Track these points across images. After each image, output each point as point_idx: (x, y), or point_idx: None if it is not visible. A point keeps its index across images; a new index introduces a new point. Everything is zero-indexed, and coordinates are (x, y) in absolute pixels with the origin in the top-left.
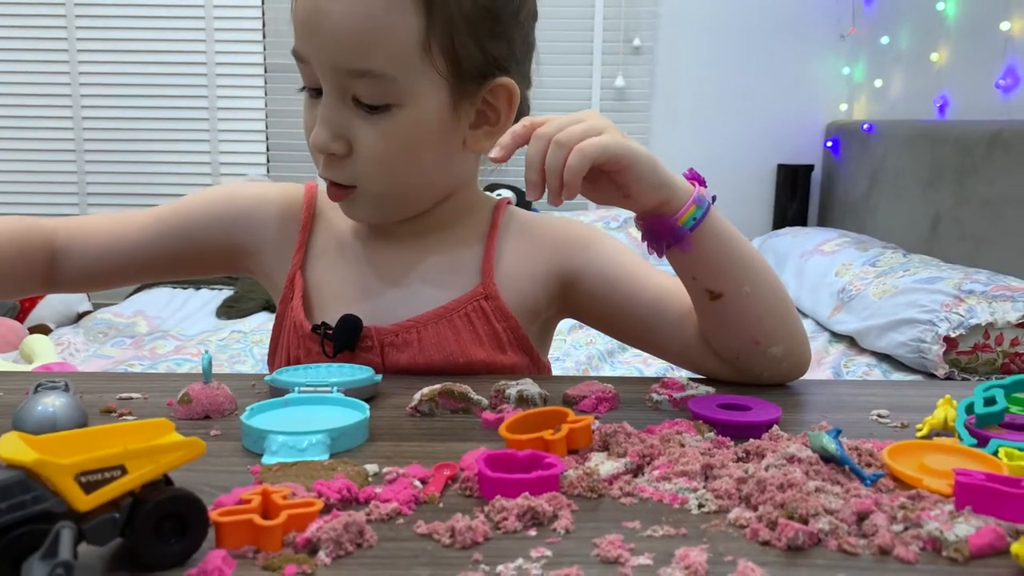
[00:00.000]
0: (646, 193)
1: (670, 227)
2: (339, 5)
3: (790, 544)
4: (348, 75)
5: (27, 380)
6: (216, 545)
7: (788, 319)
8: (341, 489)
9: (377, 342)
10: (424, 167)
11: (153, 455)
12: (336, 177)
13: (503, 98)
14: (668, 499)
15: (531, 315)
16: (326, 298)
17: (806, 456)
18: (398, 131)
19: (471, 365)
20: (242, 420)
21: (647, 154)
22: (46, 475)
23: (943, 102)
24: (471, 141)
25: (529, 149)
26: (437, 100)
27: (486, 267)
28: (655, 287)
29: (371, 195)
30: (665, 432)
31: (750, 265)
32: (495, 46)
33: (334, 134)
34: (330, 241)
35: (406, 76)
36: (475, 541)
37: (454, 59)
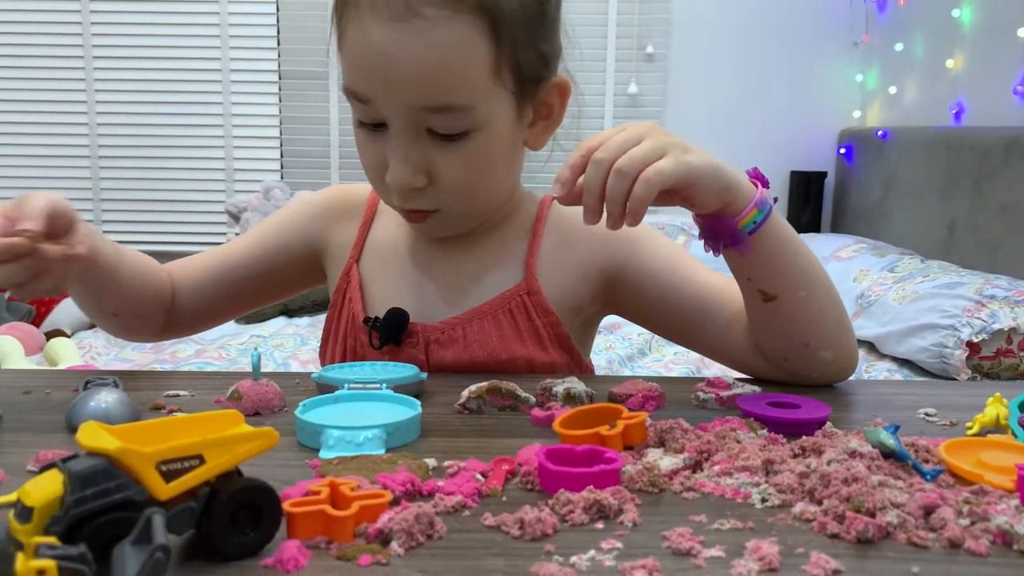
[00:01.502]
0: (710, 201)
1: (729, 229)
2: (410, 50)
3: (859, 537)
4: (424, 111)
5: (73, 378)
6: (288, 536)
7: (840, 324)
8: (405, 482)
9: (423, 339)
10: (500, 179)
11: (229, 445)
12: (419, 206)
13: (556, 94)
14: (730, 494)
15: (573, 312)
16: (374, 293)
17: (867, 451)
18: (477, 154)
19: (513, 362)
20: (297, 415)
21: (709, 163)
22: (129, 463)
23: (959, 109)
24: (531, 140)
25: (588, 175)
26: (507, 115)
27: (529, 263)
28: (702, 283)
29: (452, 216)
30: (719, 429)
31: (807, 269)
32: (547, 46)
33: (415, 170)
34: (385, 239)
35: (482, 102)
36: (544, 533)
37: (519, 72)
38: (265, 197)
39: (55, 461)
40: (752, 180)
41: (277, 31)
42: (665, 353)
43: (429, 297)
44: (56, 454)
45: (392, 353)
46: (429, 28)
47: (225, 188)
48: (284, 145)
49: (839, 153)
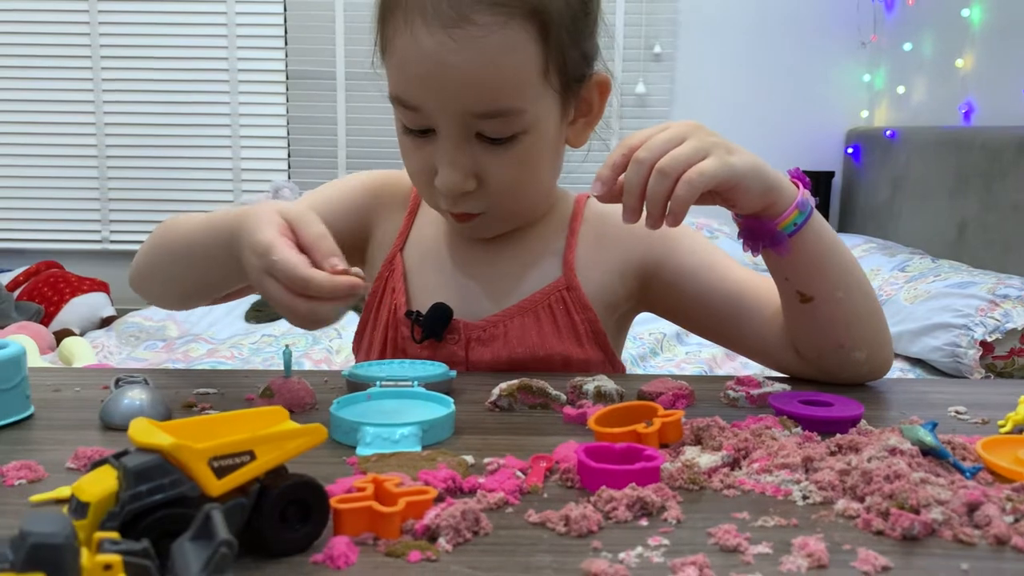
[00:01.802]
0: (752, 202)
1: (770, 230)
2: (461, 56)
3: (905, 534)
4: (475, 117)
5: (102, 376)
6: (335, 532)
7: (876, 325)
8: (446, 479)
9: (464, 336)
10: (545, 179)
11: (279, 441)
12: (467, 209)
13: (596, 91)
14: (771, 491)
15: (609, 308)
16: (416, 285)
17: (907, 448)
18: (525, 156)
19: (549, 359)
20: (332, 412)
21: (751, 164)
22: (182, 459)
23: (968, 108)
24: (572, 137)
25: (628, 174)
26: (553, 115)
27: (568, 259)
28: (738, 281)
29: (498, 217)
30: (754, 427)
31: (845, 271)
32: (589, 44)
33: (464, 174)
34: (428, 231)
35: (532, 104)
36: (589, 530)
37: (564, 72)
38: (274, 197)
39: (107, 457)
40: (793, 180)
41: (285, 31)
42: (676, 353)
43: (470, 294)
44: (95, 451)
45: (432, 348)
46: (481, 35)
47: (232, 188)
48: (291, 145)
49: (846, 153)
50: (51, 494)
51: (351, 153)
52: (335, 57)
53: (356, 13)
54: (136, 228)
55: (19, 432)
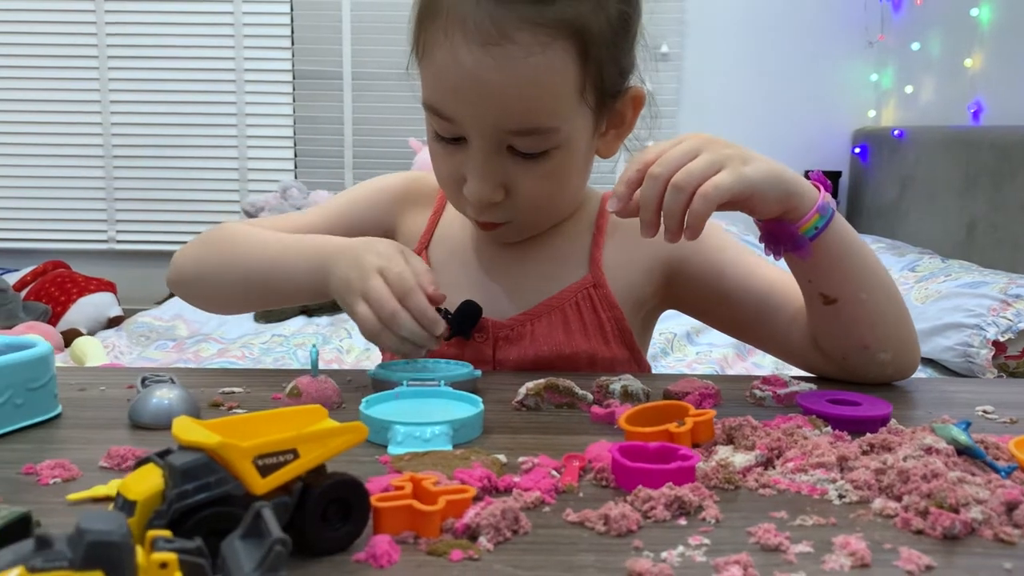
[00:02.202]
0: (770, 208)
1: (790, 234)
2: (500, 75)
3: (946, 533)
4: (509, 133)
5: (127, 375)
6: (374, 531)
7: (901, 326)
8: (482, 478)
9: (492, 336)
10: (573, 191)
11: (322, 439)
12: (494, 219)
13: (629, 104)
14: (806, 490)
15: (636, 306)
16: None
17: (943, 448)
18: (556, 170)
19: (575, 356)
20: (362, 411)
21: (768, 173)
22: (227, 458)
23: (977, 108)
24: (603, 148)
25: (644, 190)
26: (586, 130)
27: (595, 256)
28: (764, 279)
29: (525, 225)
30: (786, 426)
31: (868, 272)
32: (627, 59)
33: (494, 186)
34: (453, 229)
35: (566, 123)
36: (629, 529)
37: (601, 88)
38: (282, 196)
39: (151, 456)
40: (815, 184)
41: (291, 30)
42: (687, 353)
43: (497, 293)
44: (127, 450)
45: (459, 347)
46: (522, 55)
47: (239, 188)
48: (298, 145)
49: (854, 152)
50: (88, 492)
51: (358, 153)
52: (342, 57)
53: (363, 13)
54: (142, 228)
55: (48, 431)
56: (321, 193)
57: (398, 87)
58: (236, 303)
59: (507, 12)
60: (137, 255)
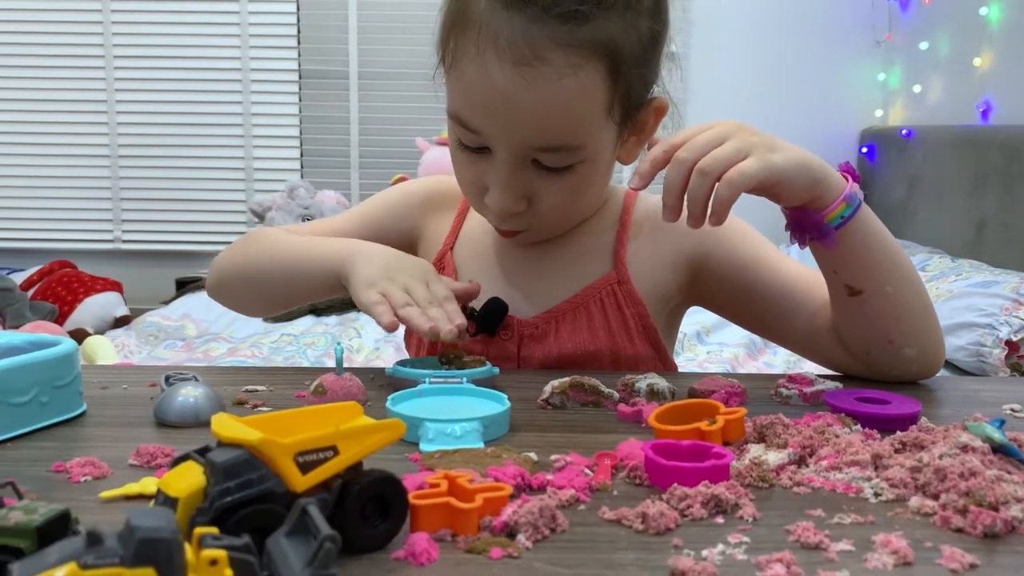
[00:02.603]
0: (797, 196)
1: (816, 222)
2: (531, 95)
3: (987, 531)
4: (536, 149)
5: (149, 373)
6: (412, 529)
7: (926, 322)
8: (515, 476)
9: (517, 333)
10: (594, 199)
11: (361, 436)
12: (515, 227)
13: (652, 112)
14: (841, 488)
15: (661, 303)
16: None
17: (979, 446)
18: (579, 183)
19: (598, 353)
20: (389, 408)
21: (796, 160)
22: (269, 454)
23: (986, 107)
24: (623, 155)
25: (669, 173)
26: (610, 143)
27: (619, 252)
28: (788, 274)
29: (544, 231)
30: (816, 424)
31: (895, 265)
32: (653, 71)
33: (516, 197)
34: (476, 230)
35: (593, 139)
36: (668, 527)
37: (627, 105)
38: (289, 196)
39: (189, 453)
40: (843, 174)
41: (297, 30)
42: (698, 352)
43: (522, 291)
44: (156, 448)
45: (484, 344)
46: (555, 76)
47: (245, 187)
48: (304, 144)
49: (861, 152)
50: (120, 490)
51: (364, 152)
52: (348, 56)
53: (369, 12)
54: (148, 227)
55: (74, 429)
56: (328, 193)
57: (404, 86)
58: (268, 302)
59: (540, 31)
60: (143, 255)
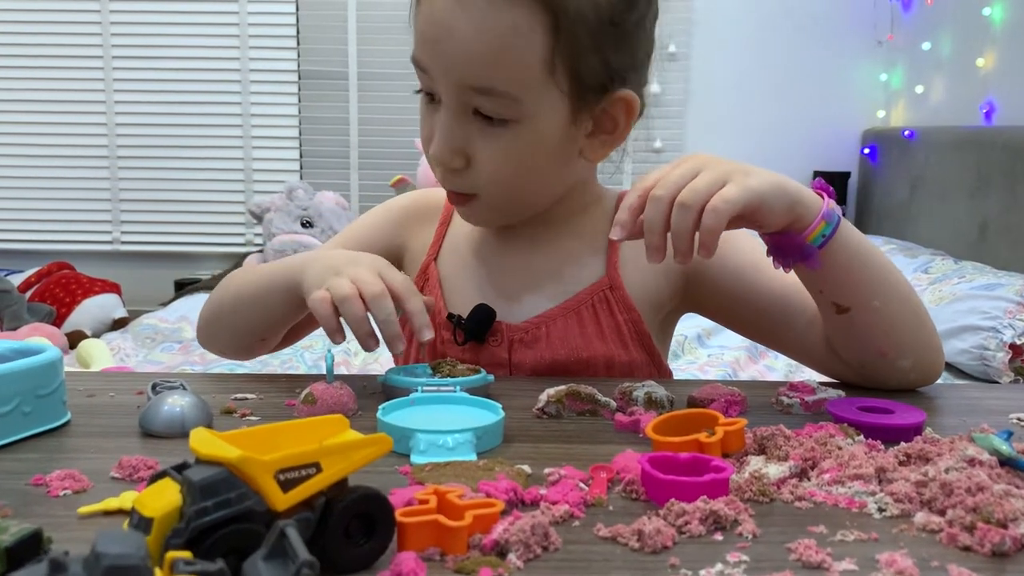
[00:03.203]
0: (777, 219)
1: (798, 244)
2: (466, 23)
3: (995, 550)
4: (471, 91)
5: (137, 381)
6: (399, 547)
7: (919, 332)
8: (507, 490)
9: (506, 338)
10: (541, 178)
11: (346, 452)
12: (455, 187)
13: (621, 109)
14: (844, 503)
15: (654, 308)
16: (453, 290)
17: (986, 459)
18: (517, 146)
19: (592, 360)
20: (380, 419)
21: (772, 183)
22: (248, 472)
23: (990, 108)
24: (587, 150)
25: (648, 213)
26: (557, 114)
27: (611, 258)
28: (782, 281)
29: (490, 204)
30: (818, 435)
31: (881, 279)
32: (617, 58)
33: (453, 149)
34: (461, 237)
35: (529, 95)
36: (664, 545)
37: (577, 76)
38: (288, 197)
39: (166, 470)
40: (817, 191)
41: (296, 31)
42: (698, 356)
43: (510, 295)
44: (139, 460)
45: (474, 351)
46: (489, 9)
47: (244, 189)
48: (303, 145)
49: (863, 153)
50: (99, 506)
51: (363, 154)
52: (347, 57)
53: (369, 13)
54: (147, 229)
55: (57, 440)
56: (327, 194)
57: (404, 87)
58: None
59: None
60: (142, 256)
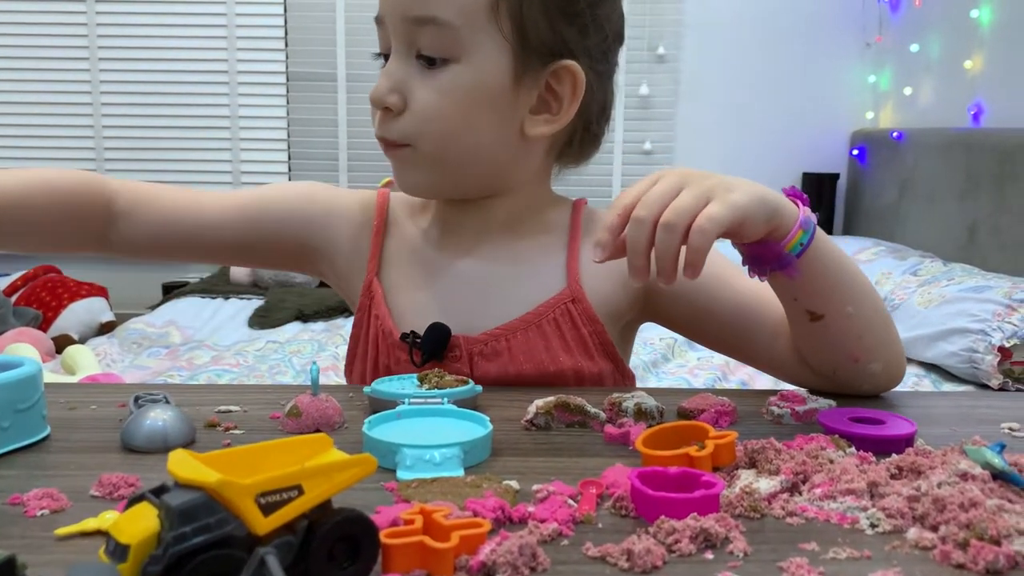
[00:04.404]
0: (757, 231)
1: (776, 253)
2: None
3: (989, 568)
4: (414, 24)
5: (119, 393)
6: (384, 570)
7: (888, 336)
8: (495, 508)
9: (465, 352)
10: (476, 134)
11: (328, 474)
12: (388, 133)
13: (567, 84)
14: (836, 519)
15: (613, 318)
16: (404, 306)
17: (979, 473)
18: (455, 87)
19: (561, 374)
20: (366, 433)
21: (753, 196)
22: (228, 496)
23: (977, 110)
24: (529, 126)
25: (631, 235)
26: (498, 63)
27: (572, 269)
28: (746, 293)
29: (423, 156)
30: (809, 447)
31: (853, 285)
32: (567, 30)
33: (392, 87)
34: (403, 248)
35: (469, 30)
36: (654, 565)
37: (520, 25)
38: None
39: (144, 493)
40: (791, 198)
41: (285, 32)
42: (688, 359)
43: (465, 307)
44: (119, 477)
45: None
46: None
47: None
48: (292, 147)
49: (852, 155)
50: (77, 527)
51: (352, 155)
52: (336, 59)
53: (357, 14)
54: None
55: (36, 455)
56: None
57: None
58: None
59: None
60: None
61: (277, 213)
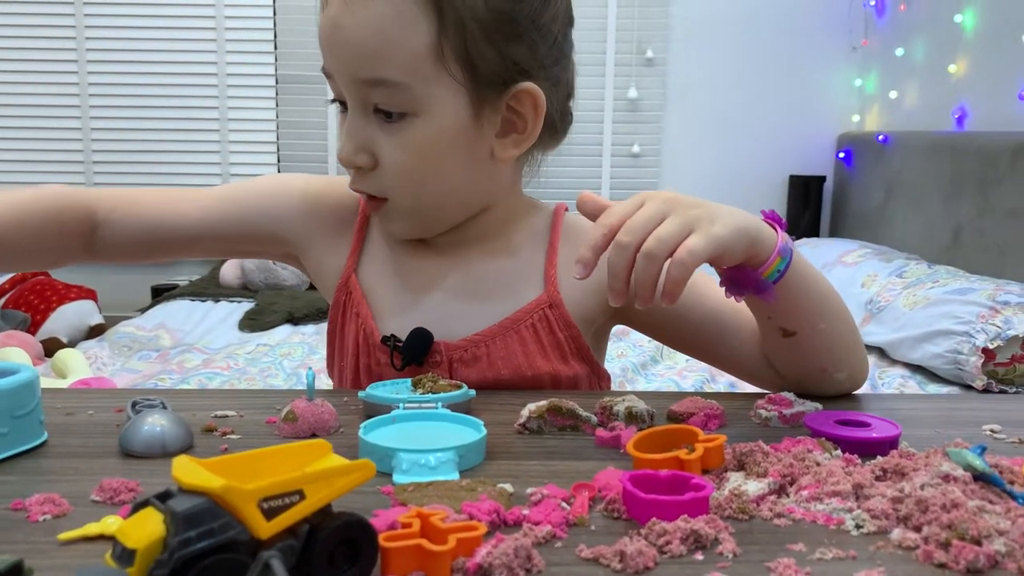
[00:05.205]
0: (736, 260)
1: (754, 280)
2: (352, 19)
3: (970, 567)
4: (365, 85)
5: (115, 398)
6: (383, 572)
7: (855, 346)
8: (490, 511)
9: (446, 358)
10: (449, 178)
11: (329, 479)
12: (365, 189)
13: (528, 104)
14: (822, 520)
15: (586, 323)
16: (382, 308)
17: (961, 475)
18: (418, 141)
19: (538, 378)
20: (362, 437)
21: (734, 227)
22: (231, 502)
23: (961, 113)
24: (499, 150)
25: (612, 259)
26: (455, 108)
27: (550, 275)
28: (718, 301)
29: (402, 209)
30: (796, 450)
31: (826, 302)
32: (515, 50)
33: (358, 147)
34: (382, 248)
35: (420, 84)
36: (646, 566)
37: (469, 65)
38: None
39: (149, 499)
40: (769, 222)
41: (274, 35)
42: (678, 360)
43: (445, 313)
44: (120, 482)
45: (413, 373)
46: (371, 2)
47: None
48: (281, 150)
49: (838, 157)
50: (80, 531)
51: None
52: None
53: None
54: None
55: (35, 461)
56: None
57: None
58: None
59: None
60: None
61: (252, 207)
